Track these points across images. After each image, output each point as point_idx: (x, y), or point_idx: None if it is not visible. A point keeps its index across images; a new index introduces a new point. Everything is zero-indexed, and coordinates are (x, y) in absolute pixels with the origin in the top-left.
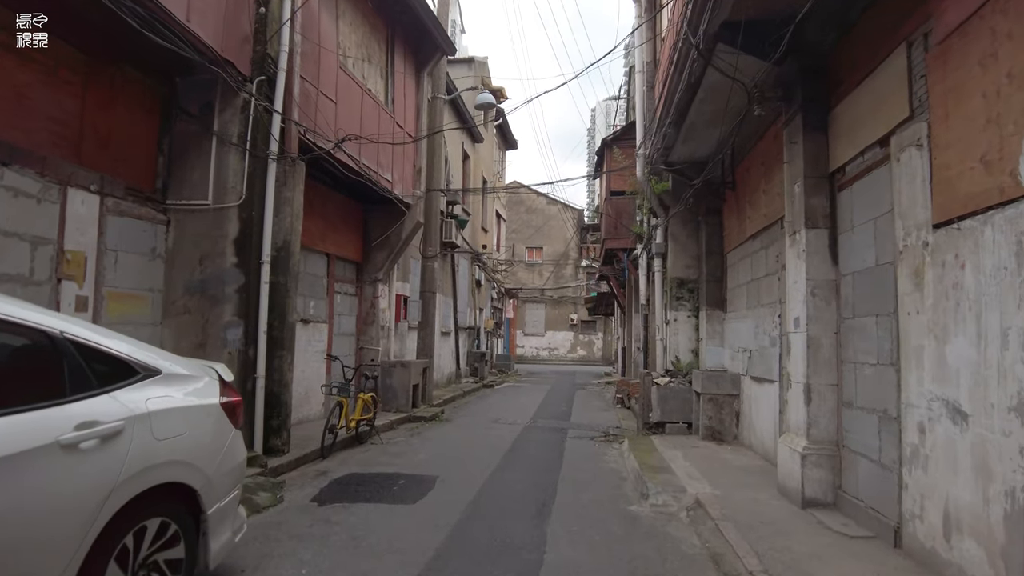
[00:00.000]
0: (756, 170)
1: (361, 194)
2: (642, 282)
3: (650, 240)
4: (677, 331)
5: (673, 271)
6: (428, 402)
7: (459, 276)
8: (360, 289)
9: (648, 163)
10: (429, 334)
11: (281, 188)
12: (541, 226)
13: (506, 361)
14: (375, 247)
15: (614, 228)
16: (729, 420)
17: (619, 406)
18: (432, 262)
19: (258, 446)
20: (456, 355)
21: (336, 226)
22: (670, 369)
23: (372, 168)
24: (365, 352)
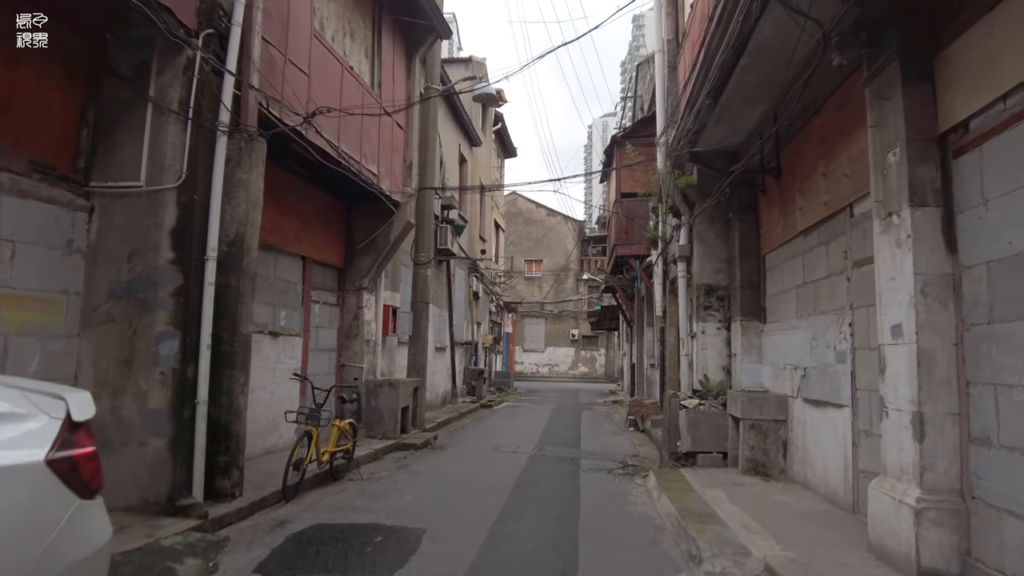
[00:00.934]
0: (811, 151)
1: (344, 190)
2: (657, 292)
3: (669, 244)
4: (705, 345)
5: (700, 277)
6: (420, 426)
7: (455, 287)
8: (342, 298)
9: (671, 153)
10: (421, 349)
11: (234, 169)
12: (541, 238)
13: (505, 378)
14: (360, 251)
15: (625, 233)
16: (775, 451)
17: (632, 429)
18: (425, 270)
19: (197, 491)
20: (452, 373)
21: (314, 226)
22: (698, 390)
23: (354, 158)
24: (347, 370)
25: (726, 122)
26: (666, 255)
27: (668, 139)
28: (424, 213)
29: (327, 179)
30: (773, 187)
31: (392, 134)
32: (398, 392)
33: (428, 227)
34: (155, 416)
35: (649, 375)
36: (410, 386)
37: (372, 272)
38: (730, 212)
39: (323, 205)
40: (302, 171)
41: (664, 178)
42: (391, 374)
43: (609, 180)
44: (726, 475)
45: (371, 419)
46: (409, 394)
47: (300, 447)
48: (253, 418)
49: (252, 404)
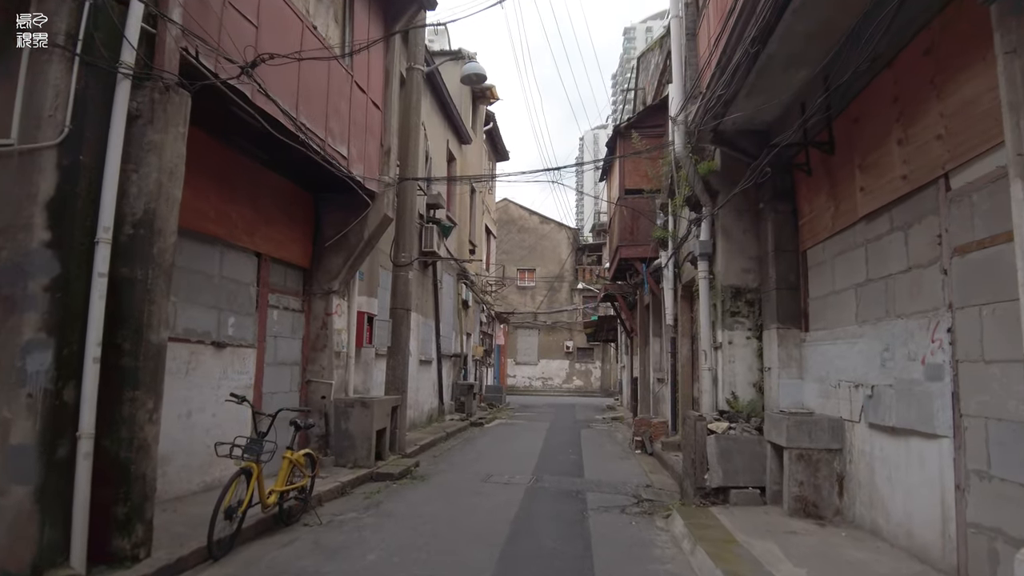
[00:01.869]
0: (879, 114)
1: (311, 178)
2: (667, 298)
3: (684, 242)
4: (733, 358)
5: (726, 278)
6: (399, 450)
7: (442, 295)
8: (308, 303)
9: (691, 132)
10: (401, 363)
11: (144, 128)
12: (533, 246)
13: (497, 393)
14: (329, 248)
15: (630, 233)
16: (828, 487)
17: (639, 452)
18: (406, 272)
19: (77, 556)
20: (439, 388)
21: (273, 218)
22: (726, 410)
23: (317, 134)
24: (313, 387)
25: (761, 91)
26: (678, 256)
27: (687, 116)
28: (406, 208)
29: (290, 164)
30: (819, 167)
31: (367, 113)
32: (372, 412)
33: (410, 224)
34: (18, 455)
35: (657, 391)
36: (387, 405)
37: (343, 273)
38: (760, 202)
39: (285, 194)
40: (258, 152)
41: (683, 162)
42: (367, 391)
43: (611, 176)
44: (769, 517)
45: (340, 445)
46: (386, 414)
47: (235, 489)
48: (190, 447)
49: (190, 429)
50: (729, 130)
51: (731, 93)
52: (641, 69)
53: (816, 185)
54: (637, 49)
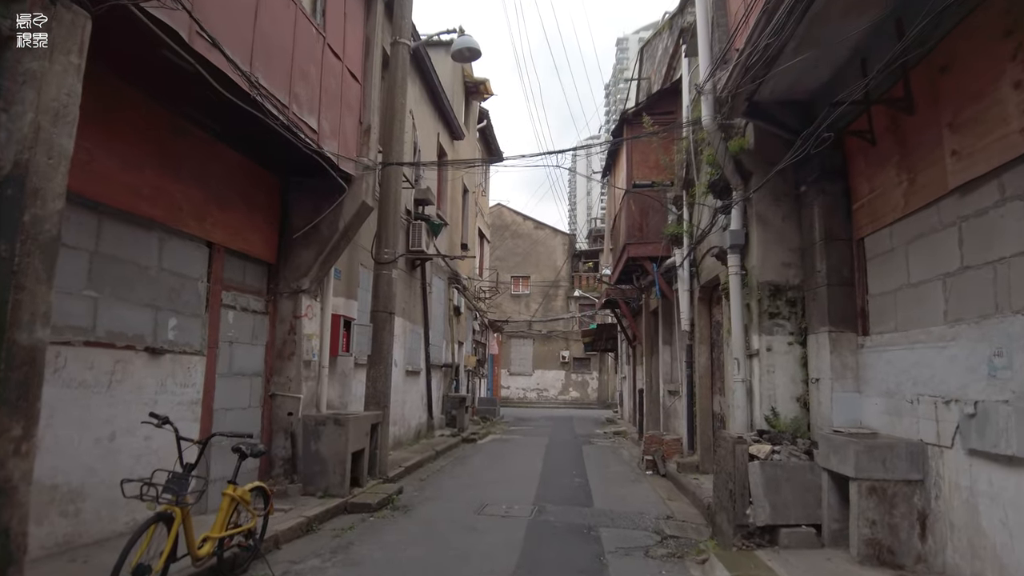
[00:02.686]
0: (985, 55)
1: (277, 158)
2: (683, 300)
3: (704, 237)
4: (772, 367)
5: (762, 273)
6: (381, 474)
7: (432, 300)
8: (273, 304)
9: (722, 103)
10: (383, 374)
11: (20, 55)
12: (528, 253)
13: (491, 406)
14: (299, 241)
15: (639, 231)
16: (908, 528)
17: (650, 472)
18: (389, 271)
19: None
20: (427, 401)
21: (229, 202)
22: (766, 430)
23: (279, 99)
24: (278, 402)
25: (812, 44)
26: (696, 253)
27: (715, 84)
28: (389, 197)
29: (248, 139)
30: (886, 134)
31: (342, 83)
32: (347, 431)
33: (394, 216)
34: None
35: (668, 404)
36: (366, 422)
37: (315, 270)
38: (803, 183)
39: (245, 175)
40: (208, 122)
41: (711, 137)
42: (343, 406)
43: (615, 169)
44: (833, 565)
45: (309, 470)
46: (364, 433)
47: (149, 540)
48: (113, 479)
49: (112, 456)
50: (766, 100)
51: (777, 46)
52: (645, 58)
53: (880, 157)
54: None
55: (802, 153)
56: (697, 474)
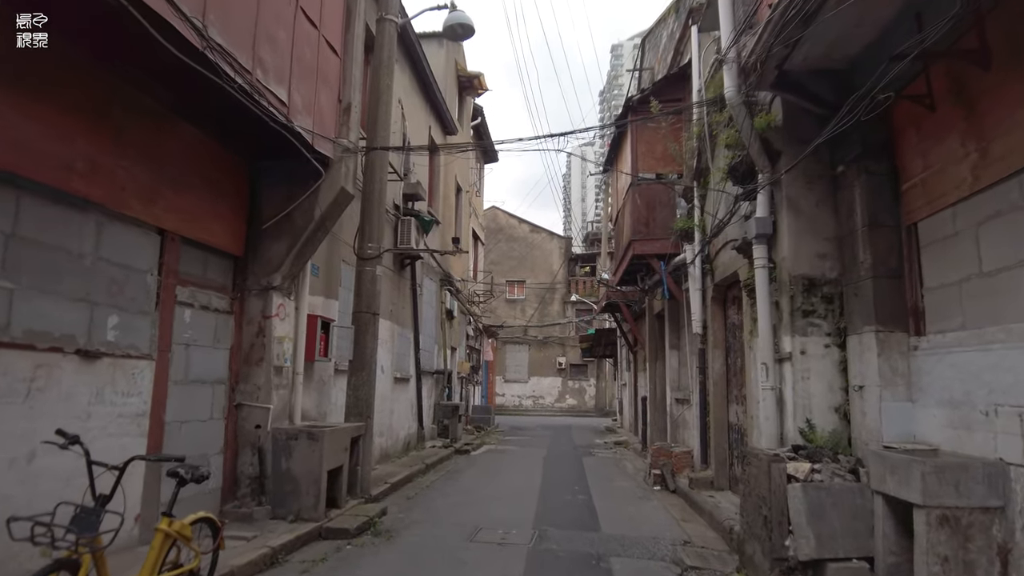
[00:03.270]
0: None
1: (242, 137)
2: (695, 300)
3: (720, 229)
4: (807, 373)
5: (794, 266)
6: (363, 492)
7: (423, 302)
8: (240, 302)
9: (748, 72)
10: (365, 381)
11: None
12: (523, 257)
13: (485, 414)
14: (269, 232)
15: (644, 226)
16: (987, 565)
17: (659, 488)
18: (373, 267)
19: None
20: (418, 410)
21: (185, 184)
22: (801, 445)
23: (241, 63)
24: (245, 414)
25: None
26: (709, 249)
27: (740, 51)
28: (374, 186)
29: (208, 113)
30: (948, 98)
31: (318, 55)
32: (322, 447)
33: (378, 207)
34: None
35: (676, 414)
36: (344, 436)
37: (288, 264)
38: (840, 163)
39: (206, 156)
40: (161, 91)
41: (736, 112)
42: (322, 416)
43: (618, 162)
44: None
45: (280, 491)
46: (343, 448)
47: None
48: (31, 506)
49: (32, 480)
50: (797, 68)
51: (809, 9)
52: (648, 49)
53: (940, 125)
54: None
55: (849, 122)
56: (712, 491)
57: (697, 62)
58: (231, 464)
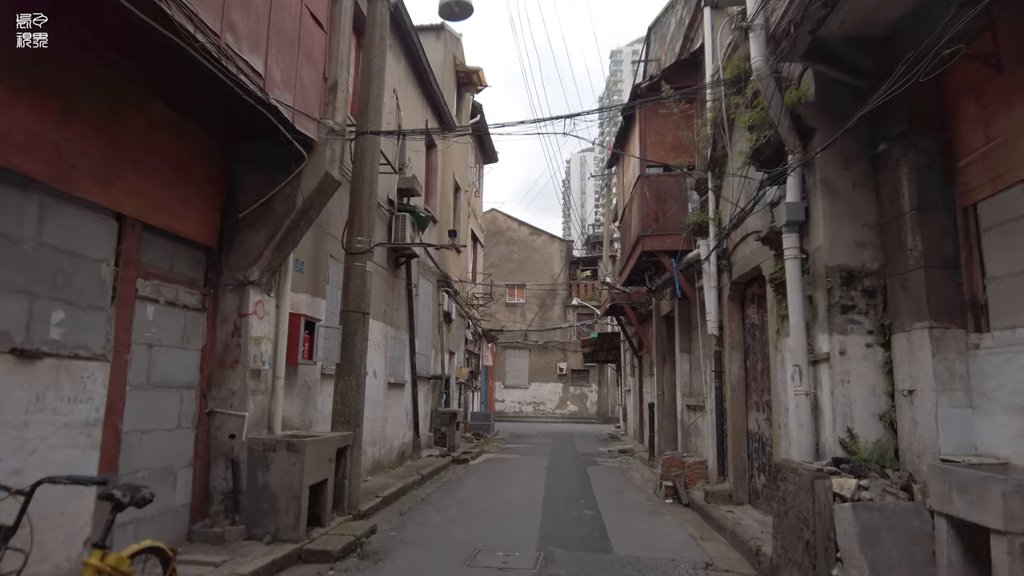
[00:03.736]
0: None
1: (216, 117)
2: (710, 299)
3: (741, 221)
4: (847, 375)
5: (831, 255)
6: (351, 508)
7: (419, 304)
8: (213, 299)
9: (778, 42)
10: (353, 386)
11: None
12: (524, 260)
13: (484, 421)
14: (247, 221)
15: (654, 221)
16: None
17: (671, 501)
18: (363, 263)
19: None
20: (414, 417)
21: (149, 165)
22: (844, 458)
23: (208, 25)
24: (218, 422)
25: None
26: (726, 243)
27: (769, 18)
28: (364, 175)
29: (177, 87)
30: (1019, 56)
31: (301, 26)
32: (303, 458)
33: (369, 197)
34: None
35: (687, 421)
36: (329, 446)
37: (268, 257)
38: (882, 140)
39: (175, 135)
40: (118, 59)
41: (763, 85)
42: (307, 425)
43: (624, 157)
44: None
45: (256, 507)
46: (327, 460)
47: None
48: None
49: None
50: (834, 35)
51: None
52: (654, 40)
53: (1009, 89)
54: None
55: (903, 86)
56: (731, 505)
57: (710, 44)
58: (202, 478)
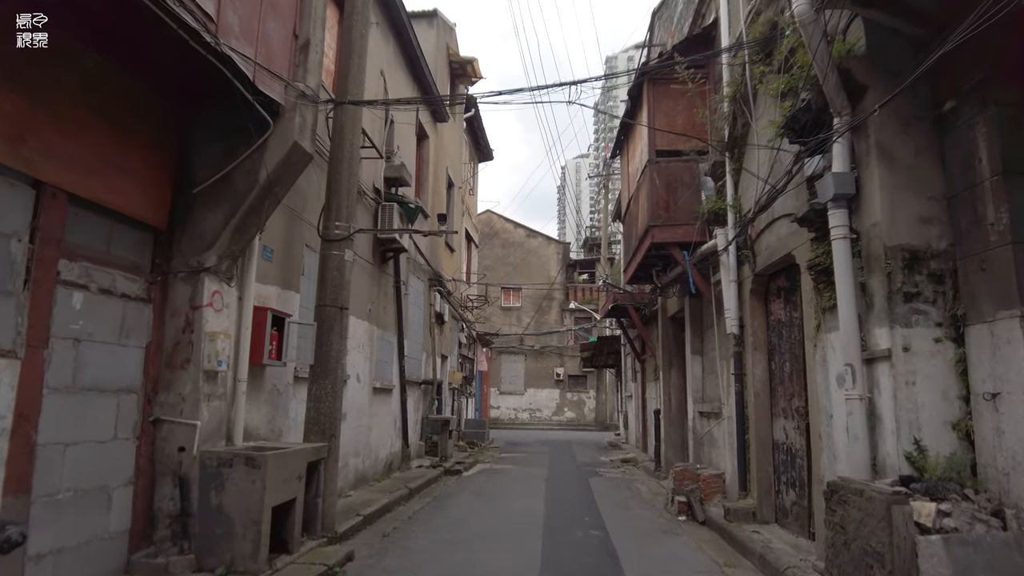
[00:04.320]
0: None
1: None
2: (728, 295)
3: (767, 204)
4: (912, 375)
5: (890, 233)
6: (325, 530)
7: (409, 303)
8: (162, 287)
9: None
10: (329, 391)
11: None
12: (520, 263)
13: (479, 429)
14: (202, 198)
15: (664, 210)
16: None
17: (684, 518)
18: (341, 251)
19: None
20: (403, 425)
21: (79, 125)
22: (912, 476)
23: None
24: (165, 432)
25: None
26: (750, 231)
27: None
28: (343, 153)
29: (115, 33)
30: None
31: None
32: (263, 475)
33: (349, 177)
34: None
35: (700, 430)
36: (298, 460)
37: (227, 240)
38: (951, 97)
39: (112, 91)
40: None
41: (807, 33)
42: (276, 435)
43: (630, 142)
44: None
45: (208, 533)
46: (296, 476)
47: None
48: None
49: None
50: None
51: None
52: (657, 25)
53: None
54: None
55: (983, 25)
56: (755, 524)
57: (726, 12)
58: (145, 499)
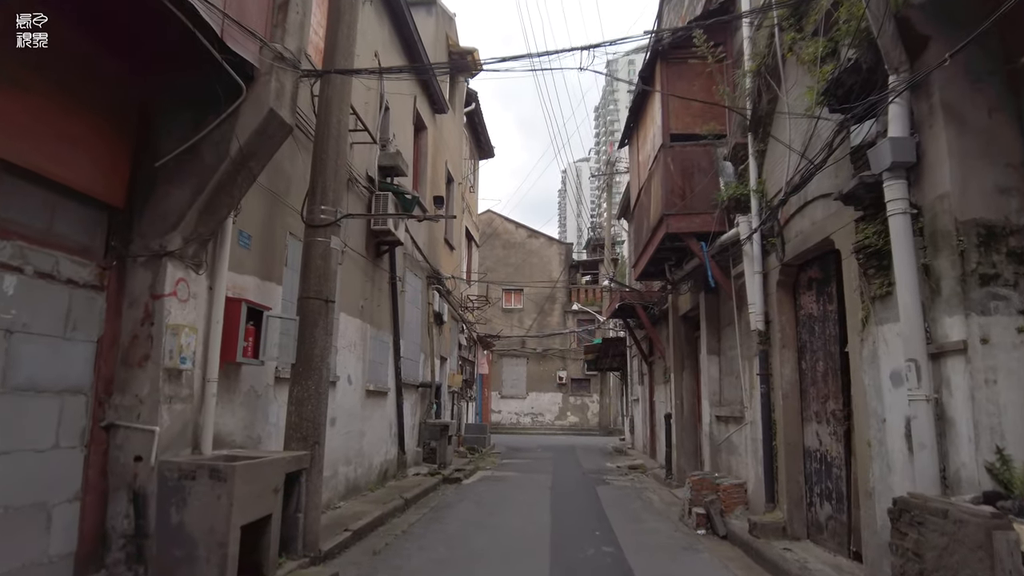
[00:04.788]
0: None
1: (121, 31)
2: (752, 287)
3: (804, 181)
4: (992, 372)
5: (962, 207)
6: (307, 548)
7: (406, 301)
8: (117, 274)
9: None
10: (312, 392)
11: None
12: (521, 264)
13: (479, 433)
14: (165, 173)
15: (680, 198)
16: None
17: (703, 531)
18: (327, 237)
19: None
20: (398, 430)
21: (11, 81)
22: (997, 492)
23: None
24: (120, 439)
25: None
26: (780, 215)
27: None
28: (330, 130)
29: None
30: None
31: None
32: (231, 489)
33: (336, 159)
34: None
35: (716, 435)
36: (274, 471)
37: (192, 220)
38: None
39: (59, 47)
40: None
41: None
42: (254, 443)
43: (641, 126)
44: None
45: (167, 555)
46: (272, 489)
47: None
48: None
49: None
50: None
51: None
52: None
53: None
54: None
55: None
56: (785, 540)
57: None
58: (95, 516)
